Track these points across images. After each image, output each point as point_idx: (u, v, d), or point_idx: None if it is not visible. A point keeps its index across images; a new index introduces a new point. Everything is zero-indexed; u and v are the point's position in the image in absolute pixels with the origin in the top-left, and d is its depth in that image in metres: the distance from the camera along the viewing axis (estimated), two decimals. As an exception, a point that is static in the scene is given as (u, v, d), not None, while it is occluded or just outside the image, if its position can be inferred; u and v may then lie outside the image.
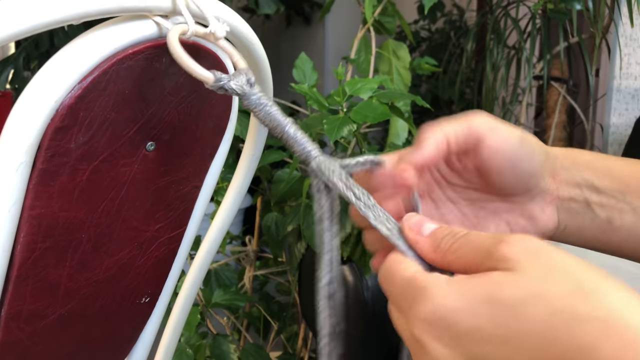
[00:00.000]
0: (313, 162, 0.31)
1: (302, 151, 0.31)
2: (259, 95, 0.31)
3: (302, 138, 0.31)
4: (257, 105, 0.31)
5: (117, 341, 0.48)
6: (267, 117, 0.31)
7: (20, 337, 0.36)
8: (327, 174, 0.30)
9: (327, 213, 0.32)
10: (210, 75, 0.31)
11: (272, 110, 0.31)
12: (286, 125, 0.31)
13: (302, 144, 0.31)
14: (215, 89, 0.31)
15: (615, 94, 1.36)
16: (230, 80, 0.31)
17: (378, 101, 0.68)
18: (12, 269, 0.33)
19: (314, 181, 0.32)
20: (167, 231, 0.45)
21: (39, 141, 0.31)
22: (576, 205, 0.37)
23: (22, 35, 0.27)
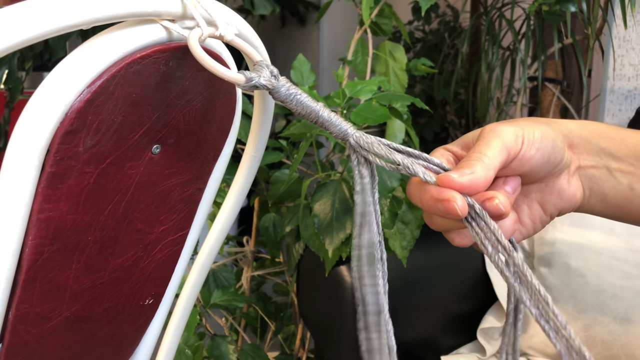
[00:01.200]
0: (351, 139, 0.33)
1: (339, 131, 0.33)
2: (287, 86, 0.32)
3: (336, 119, 0.33)
4: (288, 95, 0.32)
5: (120, 343, 0.48)
6: (299, 105, 0.32)
7: (27, 340, 0.37)
8: (367, 146, 0.32)
9: (369, 184, 0.33)
10: (242, 77, 0.31)
11: (303, 98, 0.32)
12: (319, 110, 0.33)
13: (338, 125, 0.33)
14: (247, 88, 0.31)
15: (608, 95, 1.37)
16: (260, 76, 0.31)
17: (378, 103, 0.68)
18: (20, 272, 0.33)
19: (353, 156, 0.33)
20: (171, 233, 0.45)
21: (49, 145, 0.31)
22: (597, 172, 0.39)
23: (34, 40, 0.27)
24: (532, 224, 0.39)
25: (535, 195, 0.39)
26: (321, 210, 0.66)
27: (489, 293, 0.94)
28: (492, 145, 0.34)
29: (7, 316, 0.34)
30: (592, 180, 0.39)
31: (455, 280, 0.94)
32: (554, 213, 0.39)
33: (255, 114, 0.49)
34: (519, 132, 0.35)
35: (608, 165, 0.39)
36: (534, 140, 0.35)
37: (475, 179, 0.32)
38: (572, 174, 0.39)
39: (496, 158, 0.33)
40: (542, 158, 0.36)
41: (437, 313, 0.92)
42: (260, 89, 0.32)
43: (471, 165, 0.32)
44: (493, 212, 0.32)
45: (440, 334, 0.93)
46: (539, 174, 0.37)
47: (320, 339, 0.92)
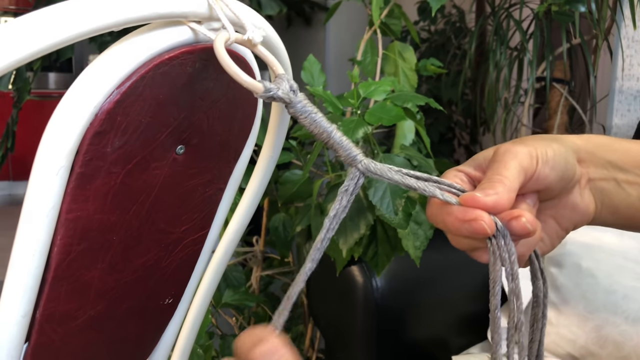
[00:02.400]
0: (360, 165, 0.32)
1: (347, 155, 0.33)
2: (304, 103, 0.32)
3: (347, 143, 0.33)
4: (303, 112, 0.32)
5: (140, 342, 0.48)
6: (312, 124, 0.32)
7: (53, 338, 0.37)
8: (379, 172, 0.32)
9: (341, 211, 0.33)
10: (260, 85, 0.31)
11: (318, 117, 0.32)
12: (332, 131, 0.32)
13: (348, 149, 0.32)
14: (264, 98, 0.32)
15: (617, 95, 1.37)
16: (279, 89, 0.31)
17: (392, 103, 0.69)
18: (49, 271, 0.34)
19: (348, 182, 0.33)
20: (192, 233, 0.45)
21: (78, 145, 0.31)
22: (607, 185, 0.39)
23: (67, 42, 0.27)
24: (550, 239, 0.40)
25: (550, 212, 0.39)
26: (335, 210, 0.66)
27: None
28: (510, 167, 0.34)
29: (35, 315, 0.35)
30: (603, 192, 0.39)
31: (465, 280, 0.94)
32: (569, 227, 0.40)
33: (273, 115, 0.49)
34: (532, 152, 0.35)
35: (616, 177, 0.39)
36: (547, 159, 0.36)
37: (499, 199, 0.32)
38: (584, 187, 0.39)
39: (516, 179, 0.34)
40: (557, 176, 0.36)
41: (448, 312, 0.92)
42: (277, 100, 0.32)
43: (493, 186, 0.33)
44: (519, 231, 0.32)
45: (451, 333, 0.93)
46: (554, 191, 0.37)
47: (331, 339, 0.93)
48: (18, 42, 0.26)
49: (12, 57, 0.26)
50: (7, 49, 0.25)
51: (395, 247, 0.70)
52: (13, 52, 0.26)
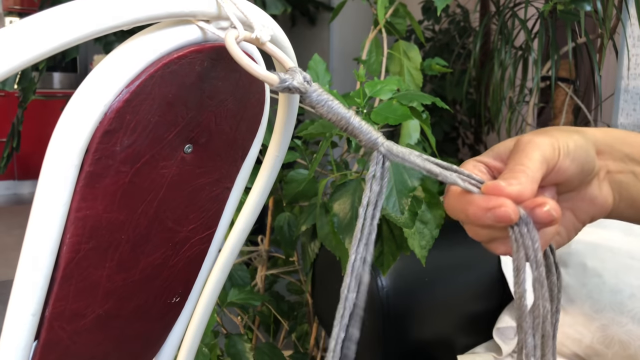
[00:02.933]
0: (382, 148, 0.32)
1: (368, 140, 0.32)
2: (319, 92, 0.32)
3: (367, 128, 0.33)
4: (320, 101, 0.32)
5: (148, 340, 0.48)
6: (330, 112, 0.32)
7: (62, 337, 0.37)
8: (401, 155, 0.32)
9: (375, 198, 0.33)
10: (275, 77, 0.31)
11: (335, 105, 0.32)
12: (350, 117, 0.32)
13: (368, 133, 0.32)
14: (280, 89, 0.31)
15: (622, 94, 1.36)
16: (293, 79, 0.31)
17: (398, 102, 0.69)
18: (58, 269, 0.34)
19: (373, 167, 0.33)
20: (199, 232, 0.45)
21: (88, 144, 0.31)
22: (624, 177, 0.39)
23: (77, 42, 0.27)
24: (567, 231, 0.39)
25: (567, 204, 0.39)
26: (341, 209, 0.66)
27: (504, 292, 0.94)
28: (533, 158, 0.34)
29: (44, 313, 0.35)
30: (621, 185, 0.39)
31: (471, 279, 0.94)
32: (586, 220, 0.40)
33: (280, 114, 0.49)
34: (555, 144, 0.35)
35: (634, 171, 0.39)
36: (569, 151, 0.35)
37: (522, 189, 0.32)
38: (602, 180, 0.39)
39: (538, 170, 0.33)
40: (577, 168, 0.36)
41: (453, 312, 0.92)
42: (292, 91, 0.32)
43: (516, 176, 0.32)
44: (544, 219, 0.31)
45: (456, 333, 0.93)
46: (573, 183, 0.37)
47: (336, 338, 0.93)
48: (28, 42, 0.26)
49: (23, 57, 0.26)
50: (18, 49, 0.26)
51: (400, 246, 0.70)
52: (24, 52, 0.26)
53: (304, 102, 0.32)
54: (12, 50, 0.26)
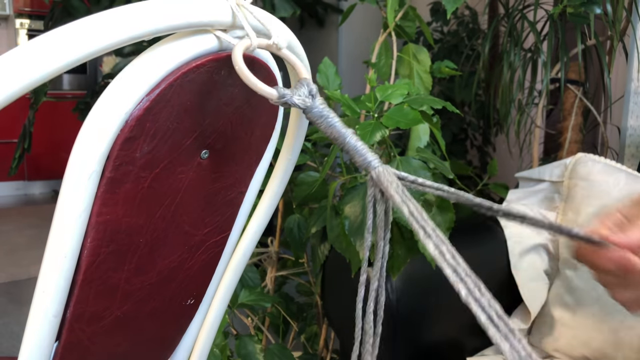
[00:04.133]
0: (373, 172, 0.32)
1: (362, 161, 0.32)
2: (320, 108, 0.32)
3: (362, 149, 0.32)
4: (319, 117, 0.32)
5: (163, 341, 0.49)
6: (328, 129, 0.32)
7: (82, 338, 0.38)
8: (386, 185, 0.31)
9: (383, 222, 0.33)
10: (274, 92, 0.32)
11: (334, 122, 0.32)
12: (347, 136, 0.32)
13: (363, 155, 0.32)
14: (280, 104, 0.32)
15: (632, 96, 1.36)
16: (293, 95, 0.32)
17: (409, 107, 0.69)
18: (79, 272, 0.35)
19: (370, 190, 0.33)
20: (214, 235, 0.46)
21: (109, 151, 0.32)
22: None
23: (103, 51, 0.28)
24: None
25: None
26: (352, 212, 0.67)
27: (514, 295, 0.94)
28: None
29: (65, 315, 0.36)
30: None
31: (480, 282, 0.95)
32: None
33: (292, 119, 0.50)
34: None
35: None
36: None
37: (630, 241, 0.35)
38: None
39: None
40: None
41: (462, 314, 0.92)
42: (292, 106, 0.33)
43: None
44: None
45: (465, 335, 0.93)
46: None
47: (345, 339, 0.93)
48: (58, 52, 0.27)
49: (53, 66, 0.27)
50: (48, 60, 0.26)
51: (411, 249, 0.70)
52: (53, 62, 0.27)
53: (306, 117, 0.33)
54: (42, 61, 0.26)
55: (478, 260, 0.97)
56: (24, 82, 0.27)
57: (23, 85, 0.26)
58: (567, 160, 1.07)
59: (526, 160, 1.70)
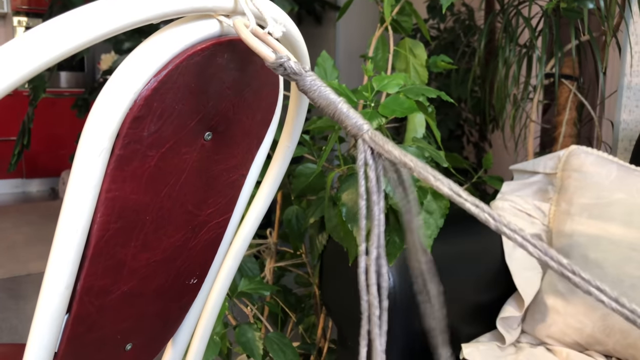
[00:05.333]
0: (366, 135, 0.34)
1: (354, 125, 0.34)
2: (313, 77, 0.34)
3: (354, 114, 0.34)
4: (313, 85, 0.34)
5: (167, 320, 0.51)
6: (321, 97, 0.34)
7: (91, 311, 0.40)
8: (382, 143, 0.33)
9: (375, 186, 0.34)
10: (273, 55, 0.33)
11: (326, 90, 0.34)
12: (339, 103, 0.34)
13: (355, 119, 0.34)
14: (275, 66, 0.33)
15: (625, 91, 1.38)
16: (290, 59, 0.33)
17: (405, 96, 0.71)
18: (89, 247, 0.36)
19: (361, 155, 0.34)
20: (216, 216, 0.48)
21: (119, 129, 0.34)
22: None
23: (113, 33, 0.30)
24: None
25: None
26: (349, 199, 0.69)
27: (508, 283, 0.96)
28: None
29: (75, 288, 0.37)
30: None
31: (475, 270, 0.96)
32: None
33: (291, 106, 0.52)
34: None
35: None
36: None
37: None
38: None
39: None
40: None
41: (457, 302, 0.94)
42: (287, 71, 0.34)
43: None
44: None
45: (460, 322, 0.95)
46: None
47: (343, 327, 0.95)
48: (70, 33, 0.29)
49: (64, 48, 0.29)
50: (61, 38, 0.28)
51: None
52: (64, 43, 0.29)
53: (298, 86, 0.34)
54: (50, 42, 0.28)
55: (474, 250, 0.99)
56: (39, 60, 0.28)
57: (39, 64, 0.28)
58: (561, 152, 1.09)
59: (521, 155, 1.72)
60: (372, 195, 0.34)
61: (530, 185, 1.11)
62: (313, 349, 1.18)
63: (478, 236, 1.01)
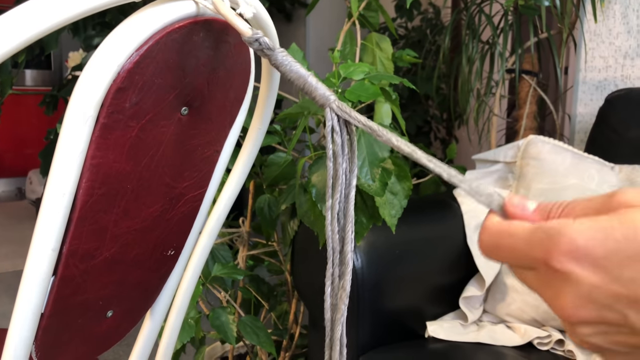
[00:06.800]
0: (334, 104, 0.37)
1: (322, 95, 0.37)
2: (285, 53, 0.37)
3: (322, 86, 0.37)
4: (284, 60, 0.37)
5: (146, 290, 0.54)
6: (292, 71, 0.37)
7: (75, 274, 0.42)
8: (348, 111, 0.37)
9: (340, 149, 0.38)
10: (249, 30, 0.37)
11: (296, 65, 0.37)
12: (308, 76, 0.37)
13: (323, 90, 0.37)
14: (251, 41, 0.37)
15: (581, 85, 1.45)
16: (264, 36, 0.37)
17: (370, 82, 0.75)
18: (75, 210, 0.39)
19: (329, 122, 0.38)
20: (192, 189, 0.51)
21: (103, 99, 0.37)
22: None
23: (96, 10, 0.33)
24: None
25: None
26: (318, 181, 0.72)
27: (469, 265, 1.01)
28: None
29: (62, 251, 0.40)
30: None
31: (438, 253, 1.01)
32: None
33: (262, 89, 0.55)
34: None
35: None
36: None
37: None
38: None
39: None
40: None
41: (422, 283, 0.99)
42: (262, 46, 0.37)
43: None
44: None
45: (425, 302, 1.00)
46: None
47: (314, 309, 0.99)
48: (55, 8, 0.32)
49: (51, 21, 0.32)
50: (45, 12, 0.31)
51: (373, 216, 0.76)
52: (48, 17, 0.32)
53: (271, 61, 0.37)
54: (39, 16, 0.31)
55: (438, 234, 1.04)
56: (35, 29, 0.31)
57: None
58: (520, 142, 1.14)
59: (485, 148, 1.78)
60: (338, 157, 0.38)
61: (492, 174, 1.16)
62: (285, 334, 1.21)
63: (442, 222, 1.06)
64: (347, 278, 0.39)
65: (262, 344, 0.98)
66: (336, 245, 0.40)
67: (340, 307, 0.41)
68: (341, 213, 0.39)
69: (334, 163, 0.38)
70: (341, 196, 0.38)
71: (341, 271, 0.41)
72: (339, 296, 0.41)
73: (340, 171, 0.38)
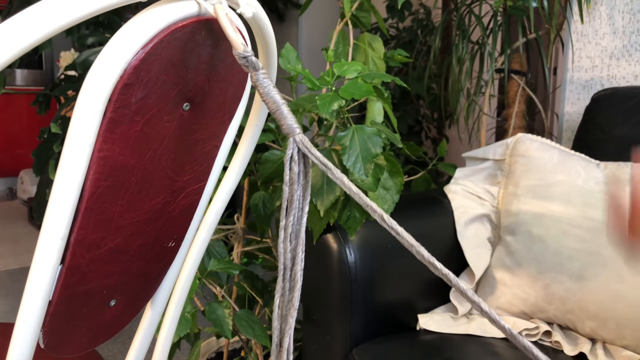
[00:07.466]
0: (297, 136, 0.39)
1: (289, 126, 0.39)
2: (266, 76, 0.39)
3: (291, 117, 0.39)
4: (264, 82, 0.39)
5: (147, 279, 0.55)
6: (268, 94, 0.39)
7: (81, 263, 0.44)
8: (308, 146, 0.39)
9: (297, 178, 0.40)
10: (242, 46, 0.39)
11: (274, 91, 0.39)
12: (281, 105, 0.39)
13: (291, 121, 0.39)
14: (240, 57, 0.39)
15: (568, 85, 1.49)
16: (254, 55, 0.39)
17: (363, 80, 0.77)
18: (82, 201, 0.41)
19: (289, 151, 0.40)
20: (193, 183, 0.53)
21: (110, 94, 0.38)
22: None
23: (104, 10, 0.35)
24: None
25: None
26: (312, 176, 0.74)
27: (460, 259, 1.04)
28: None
29: (69, 240, 0.42)
30: None
31: (430, 248, 1.04)
32: None
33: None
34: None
35: None
36: None
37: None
38: None
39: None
40: None
41: (414, 277, 1.01)
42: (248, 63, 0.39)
43: None
44: None
45: (417, 296, 1.02)
46: None
47: (308, 302, 1.01)
48: (61, 9, 0.34)
49: (54, 25, 0.33)
50: (49, 15, 0.33)
51: (365, 211, 0.78)
52: (52, 21, 0.33)
53: (252, 78, 0.39)
54: (42, 19, 0.33)
55: (429, 229, 1.06)
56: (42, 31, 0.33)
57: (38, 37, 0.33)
58: (509, 140, 1.17)
59: (475, 146, 1.81)
60: (294, 184, 0.40)
61: (481, 171, 1.19)
62: (279, 329, 1.23)
63: (433, 218, 1.08)
64: (296, 295, 0.42)
65: (258, 337, 1.00)
66: (287, 263, 0.42)
67: (288, 321, 0.43)
68: (293, 235, 0.41)
69: (290, 189, 0.40)
70: (294, 219, 0.41)
71: (291, 286, 0.43)
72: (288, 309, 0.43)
73: (295, 197, 0.40)
